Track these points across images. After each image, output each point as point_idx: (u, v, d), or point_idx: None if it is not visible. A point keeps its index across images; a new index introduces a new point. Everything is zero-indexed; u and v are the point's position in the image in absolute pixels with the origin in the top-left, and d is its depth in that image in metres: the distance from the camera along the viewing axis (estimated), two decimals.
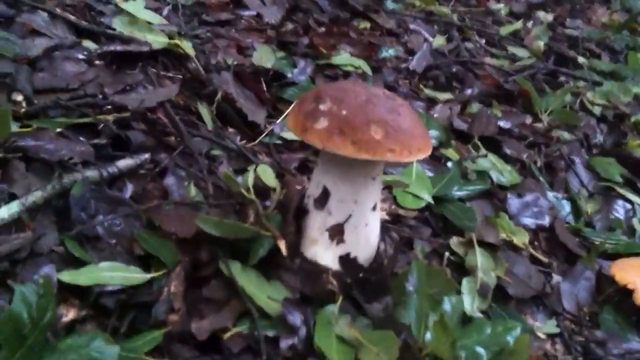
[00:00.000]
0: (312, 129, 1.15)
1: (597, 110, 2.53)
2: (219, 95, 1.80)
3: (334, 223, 1.28)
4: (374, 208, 1.31)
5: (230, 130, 1.76)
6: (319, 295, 1.26)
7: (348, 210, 1.27)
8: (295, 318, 1.19)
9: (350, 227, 1.28)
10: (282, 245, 1.27)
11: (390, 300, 1.25)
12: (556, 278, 1.55)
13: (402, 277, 1.27)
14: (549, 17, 3.71)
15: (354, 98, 1.17)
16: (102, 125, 1.49)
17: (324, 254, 1.30)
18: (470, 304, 1.37)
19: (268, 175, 1.46)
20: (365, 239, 1.32)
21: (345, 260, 1.30)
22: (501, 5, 3.73)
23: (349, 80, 2.07)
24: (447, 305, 1.29)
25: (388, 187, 1.68)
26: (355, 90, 1.19)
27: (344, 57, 2.30)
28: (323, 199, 1.28)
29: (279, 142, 1.76)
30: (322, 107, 1.17)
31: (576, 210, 1.84)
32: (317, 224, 1.30)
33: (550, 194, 1.85)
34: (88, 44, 1.87)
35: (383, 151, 1.13)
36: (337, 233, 1.29)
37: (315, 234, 1.30)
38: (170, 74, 1.90)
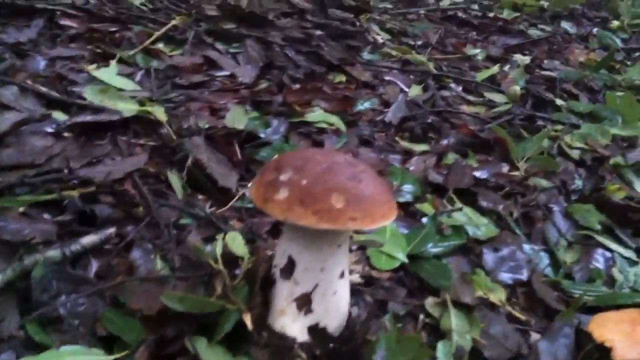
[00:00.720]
0: (273, 200, 1.14)
1: (575, 154, 2.52)
2: (189, 161, 1.79)
3: (301, 293, 1.26)
4: (342, 275, 1.29)
5: (201, 196, 1.74)
6: None
7: (315, 279, 1.25)
8: None
9: (318, 296, 1.26)
10: (248, 319, 1.25)
11: None
12: (534, 336, 1.51)
13: (372, 347, 1.24)
14: (526, 59, 3.75)
15: (314, 166, 1.16)
16: (67, 201, 1.48)
17: (293, 325, 1.27)
18: None
19: (237, 243, 1.45)
20: (335, 307, 1.30)
21: (315, 330, 1.27)
22: (478, 50, 3.76)
23: (311, 148, 2.06)
24: None
25: (362, 248, 1.66)
26: (315, 159, 1.18)
27: (317, 114, 2.30)
28: (289, 269, 1.26)
29: (250, 206, 1.74)
30: (282, 177, 1.16)
31: (555, 262, 1.81)
32: (284, 294, 1.27)
33: (527, 247, 1.83)
34: (58, 115, 1.88)
35: (345, 220, 1.11)
36: (304, 303, 1.26)
37: (282, 304, 1.27)
38: (141, 142, 1.89)
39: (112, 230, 1.45)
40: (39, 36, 2.42)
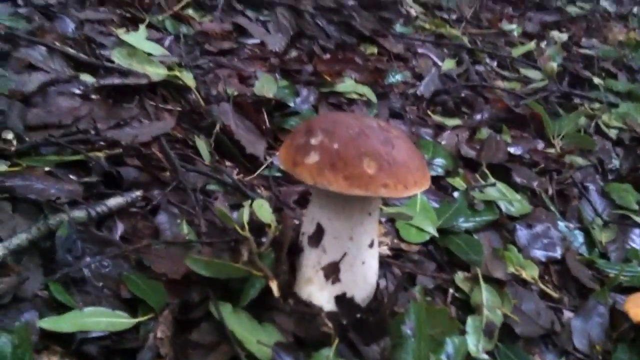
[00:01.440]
0: (303, 164, 1.10)
1: (613, 133, 2.45)
2: (217, 128, 1.76)
3: (329, 261, 1.22)
4: (371, 245, 1.25)
5: (229, 163, 1.71)
6: (313, 339, 1.19)
7: (343, 247, 1.21)
8: None
9: (346, 266, 1.22)
10: (274, 285, 1.22)
11: (388, 343, 1.18)
12: (567, 314, 1.47)
13: (400, 318, 1.20)
14: (564, 36, 3.65)
15: (345, 130, 1.11)
16: (93, 163, 1.45)
17: (319, 293, 1.23)
18: (475, 344, 1.30)
19: (264, 211, 1.41)
20: (363, 278, 1.26)
21: (341, 300, 1.24)
22: (514, 26, 3.67)
23: (342, 112, 2.02)
24: (449, 347, 1.22)
25: (391, 220, 1.63)
26: (347, 122, 1.14)
27: (348, 85, 2.26)
28: (317, 236, 1.22)
29: (278, 174, 1.71)
30: (313, 140, 1.11)
31: (590, 241, 1.76)
32: (311, 262, 1.24)
33: (562, 224, 1.77)
34: (86, 77, 1.85)
35: (376, 186, 1.07)
36: (332, 272, 1.23)
37: (309, 272, 1.24)
38: (169, 107, 1.87)
39: (138, 193, 1.42)
40: None
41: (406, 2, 3.64)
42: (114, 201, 1.37)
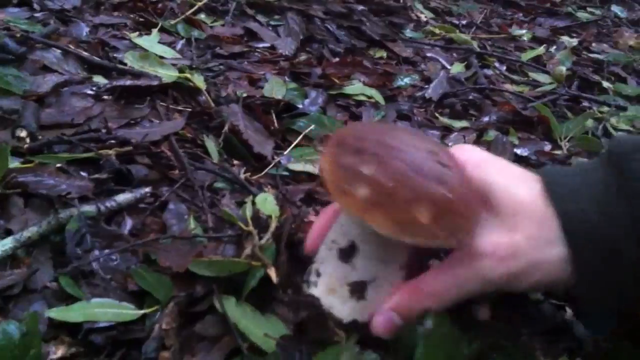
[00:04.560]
0: (352, 196, 0.99)
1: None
2: (226, 128, 1.79)
3: (357, 279, 1.15)
4: (402, 267, 1.18)
5: (236, 162, 1.74)
6: (317, 335, 1.20)
7: (375, 269, 1.15)
8: (291, 357, 1.15)
9: (374, 286, 1.16)
10: (272, 273, 1.24)
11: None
12: (570, 311, 1.48)
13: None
14: (574, 41, 3.64)
15: (400, 161, 0.99)
16: (103, 160, 1.49)
17: (341, 307, 1.17)
18: None
19: (267, 204, 1.44)
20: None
21: (359, 325, 1.17)
22: (524, 31, 3.68)
23: (391, 125, 1.97)
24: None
25: None
26: (399, 146, 1.02)
27: (356, 87, 2.29)
28: (349, 253, 1.15)
29: (285, 173, 1.74)
30: (364, 169, 0.99)
31: None
32: (338, 274, 1.17)
33: None
34: (98, 79, 1.90)
35: (427, 236, 0.98)
36: (359, 290, 1.16)
37: (334, 284, 1.18)
38: (179, 107, 1.90)
39: (147, 189, 1.46)
40: (83, 3, 2.45)
41: (417, 7, 3.67)
42: (123, 197, 1.41)
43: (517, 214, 1.06)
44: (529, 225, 1.04)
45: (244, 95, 2.01)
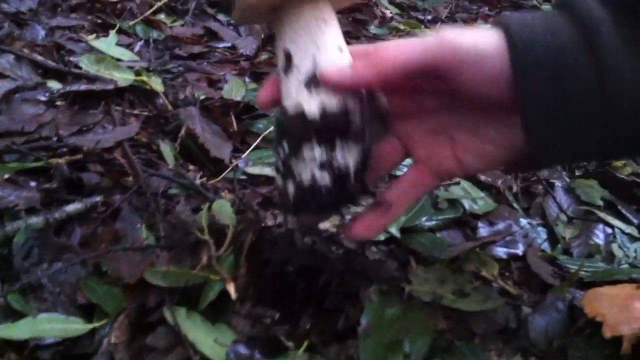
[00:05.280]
0: None
1: None
2: (182, 131, 1.77)
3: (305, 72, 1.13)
4: (340, 50, 1.15)
5: (192, 167, 1.72)
6: (268, 345, 1.20)
7: (311, 55, 1.12)
8: None
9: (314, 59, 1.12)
10: (231, 288, 1.23)
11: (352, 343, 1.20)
12: (526, 311, 1.48)
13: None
14: None
15: None
16: (54, 169, 1.46)
17: (308, 103, 1.11)
18: None
19: (224, 212, 1.43)
20: None
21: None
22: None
23: None
24: (407, 346, 1.24)
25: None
26: None
27: None
28: (288, 61, 1.14)
29: (243, 177, 1.72)
30: None
31: (553, 237, 1.78)
32: (294, 87, 1.14)
33: (525, 221, 1.79)
34: (53, 83, 1.87)
35: None
36: (311, 81, 1.11)
37: (295, 97, 1.13)
38: (135, 112, 1.88)
39: (98, 198, 1.44)
40: (39, 6, 2.41)
41: (382, 3, 3.66)
42: (73, 207, 1.39)
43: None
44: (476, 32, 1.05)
45: (203, 97, 1.99)
